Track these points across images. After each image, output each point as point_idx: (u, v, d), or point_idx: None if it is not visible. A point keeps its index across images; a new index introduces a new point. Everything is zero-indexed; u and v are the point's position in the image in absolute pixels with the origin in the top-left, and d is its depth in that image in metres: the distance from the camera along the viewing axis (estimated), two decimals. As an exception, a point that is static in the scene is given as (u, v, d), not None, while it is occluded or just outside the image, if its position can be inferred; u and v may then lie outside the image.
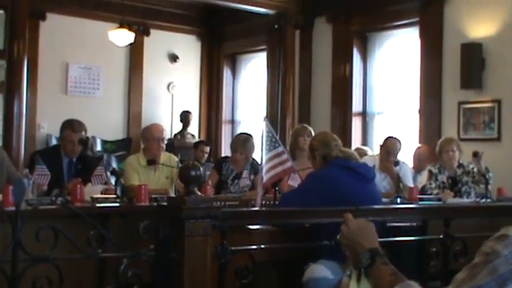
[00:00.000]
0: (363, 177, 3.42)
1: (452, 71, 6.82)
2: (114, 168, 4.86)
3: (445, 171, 5.50)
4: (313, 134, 5.34)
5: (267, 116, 8.06)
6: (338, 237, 1.72)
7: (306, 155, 5.30)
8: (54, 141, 7.76)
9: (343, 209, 2.12)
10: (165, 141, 5.38)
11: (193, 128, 9.60)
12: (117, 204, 3.95)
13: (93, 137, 8.53)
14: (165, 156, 5.31)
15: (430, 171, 5.57)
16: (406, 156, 6.10)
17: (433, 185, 5.48)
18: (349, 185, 3.32)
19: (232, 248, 2.41)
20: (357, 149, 6.25)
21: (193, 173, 2.32)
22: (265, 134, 4.00)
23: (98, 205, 3.88)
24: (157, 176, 5.21)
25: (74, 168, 4.67)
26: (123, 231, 3.39)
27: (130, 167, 5.15)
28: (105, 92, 8.98)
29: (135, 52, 9.20)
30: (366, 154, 6.33)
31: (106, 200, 4.02)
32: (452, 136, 6.07)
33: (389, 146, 5.67)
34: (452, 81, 6.83)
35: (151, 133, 5.20)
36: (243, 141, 5.37)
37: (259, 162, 4.06)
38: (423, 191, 5.48)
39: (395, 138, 5.78)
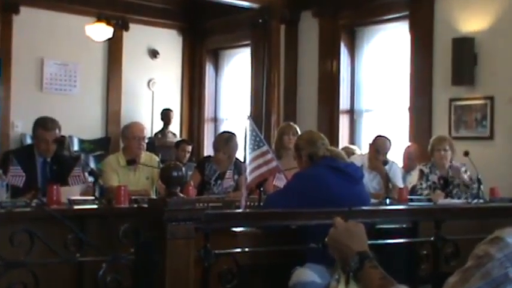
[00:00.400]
0: (351, 178, 3.43)
1: (443, 66, 6.84)
2: (92, 169, 4.84)
3: (436, 170, 5.52)
4: (299, 132, 5.35)
5: (251, 114, 8.10)
6: (326, 239, 1.72)
7: (291, 155, 5.33)
8: (28, 141, 7.70)
9: (334, 210, 2.13)
10: (146, 140, 5.37)
11: (175, 127, 9.58)
12: (95, 206, 3.94)
13: (70, 136, 8.49)
14: (145, 156, 5.30)
15: (421, 171, 5.59)
16: (395, 155, 6.13)
17: (424, 185, 5.50)
18: (337, 186, 3.34)
19: (216, 252, 2.41)
20: (345, 148, 6.27)
21: (175, 173, 2.32)
22: (249, 132, 4.00)
23: (75, 207, 3.86)
24: (138, 176, 5.20)
25: (49, 169, 4.64)
26: (102, 235, 3.38)
27: (110, 167, 5.13)
28: (83, 89, 8.92)
29: (114, 48, 9.15)
30: (353, 153, 6.35)
31: (84, 202, 4.00)
32: (444, 135, 6.08)
33: (379, 145, 5.69)
34: (443, 77, 6.86)
35: (131, 132, 5.19)
36: (225, 140, 5.37)
37: (243, 162, 4.06)
38: (413, 191, 5.50)
39: (384, 137, 5.80)
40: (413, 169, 6.17)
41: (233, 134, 5.52)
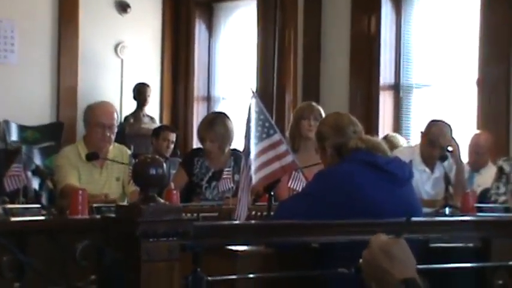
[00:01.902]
0: (394, 178, 3.43)
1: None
2: (37, 166, 4.85)
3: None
4: (323, 115, 5.36)
5: (257, 91, 8.11)
6: (360, 262, 1.73)
7: (312, 146, 5.35)
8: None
9: (371, 222, 2.13)
10: (115, 129, 5.38)
11: (152, 108, 9.60)
12: (42, 218, 3.95)
13: (6, 122, 8.52)
14: (114, 150, 5.32)
15: (500, 169, 5.57)
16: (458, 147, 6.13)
17: (502, 189, 5.50)
18: (374, 189, 3.34)
19: (210, 278, 2.43)
20: (386, 138, 6.27)
21: (152, 171, 2.34)
22: (254, 115, 4.00)
23: (13, 219, 3.86)
24: (105, 176, 5.24)
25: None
26: (51, 256, 3.39)
27: (67, 161, 5.17)
28: (23, 56, 8.93)
29: (67, -2, 9.16)
30: (398, 145, 6.36)
31: (26, 211, 4.02)
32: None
33: (435, 134, 5.69)
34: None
35: (94, 116, 5.23)
36: (209, 123, 5.42)
37: (247, 156, 4.08)
38: (484, 197, 5.52)
39: (442, 122, 5.81)
40: (483, 166, 6.17)
41: (222, 114, 5.56)
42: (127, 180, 5.12)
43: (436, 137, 5.68)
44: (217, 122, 5.41)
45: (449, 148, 5.56)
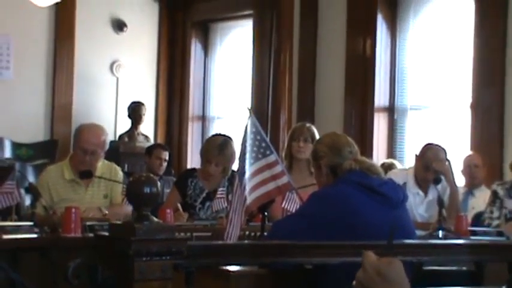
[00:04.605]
0: (388, 200, 3.43)
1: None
2: (30, 184, 4.86)
3: (517, 194, 5.52)
4: (316, 136, 5.36)
5: (252, 110, 8.09)
6: (353, 284, 1.72)
7: (304, 167, 5.35)
8: None
9: (364, 244, 2.13)
10: (102, 154, 5.39)
11: (147, 127, 9.59)
12: (34, 236, 3.94)
13: (0, 138, 8.49)
14: (103, 167, 5.32)
15: (493, 193, 5.57)
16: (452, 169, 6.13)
17: (496, 214, 5.50)
18: (368, 211, 3.34)
19: (202, 299, 2.42)
20: (383, 166, 6.27)
21: (146, 189, 2.33)
22: (250, 135, 4.00)
23: (5, 237, 3.85)
24: (91, 194, 5.23)
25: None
26: (43, 274, 3.38)
27: (45, 183, 5.20)
28: (18, 72, 8.93)
29: (64, 16, 9.17)
30: (392, 167, 6.37)
31: (18, 229, 4.01)
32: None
33: (430, 158, 5.68)
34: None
35: (79, 140, 5.26)
36: (219, 147, 5.38)
37: (242, 175, 4.07)
38: (478, 220, 5.52)
39: (438, 146, 5.81)
40: (476, 188, 6.16)
41: (229, 137, 5.54)
42: (117, 197, 5.14)
43: (430, 162, 5.67)
44: (226, 146, 5.39)
45: (442, 172, 5.57)
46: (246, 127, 4.02)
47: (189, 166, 8.96)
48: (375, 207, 3.37)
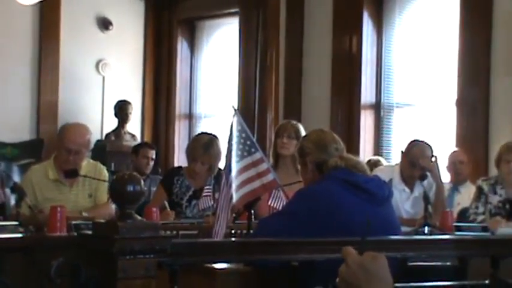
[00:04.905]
0: (373, 197, 3.44)
1: (507, 45, 6.87)
2: (15, 183, 4.85)
3: (501, 190, 5.53)
4: (302, 133, 5.36)
5: (238, 108, 8.10)
6: (337, 281, 1.72)
7: (290, 164, 5.35)
8: None
9: (344, 240, 2.14)
10: (86, 154, 5.39)
11: (134, 126, 9.58)
12: (19, 235, 3.93)
13: (-15, 138, 8.47)
14: (88, 166, 5.32)
15: (478, 189, 5.59)
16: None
17: (481, 209, 5.52)
18: (353, 208, 3.34)
19: (187, 296, 2.42)
20: (369, 163, 6.28)
21: (130, 187, 2.33)
22: (236, 133, 4.01)
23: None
24: (76, 194, 5.25)
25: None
26: (27, 274, 3.37)
27: (29, 182, 5.19)
28: (3, 71, 8.90)
29: (48, 14, 9.15)
30: (377, 164, 6.38)
31: (3, 228, 4.01)
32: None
33: (416, 154, 5.69)
34: (506, 59, 6.89)
35: (62, 139, 5.25)
36: (205, 146, 5.38)
37: (228, 173, 4.07)
38: (463, 216, 5.53)
39: (424, 142, 5.81)
40: (462, 183, 6.18)
41: (215, 136, 5.54)
42: (102, 196, 5.13)
43: (416, 158, 5.67)
44: (212, 145, 5.39)
45: (428, 169, 5.59)
46: (232, 125, 4.03)
47: (176, 165, 8.94)
48: (360, 204, 3.38)
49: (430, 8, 7.79)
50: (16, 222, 4.10)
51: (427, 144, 5.81)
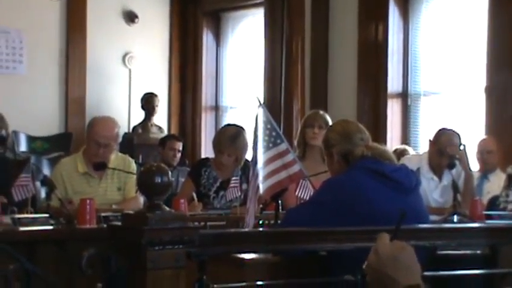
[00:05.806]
0: (400, 186, 3.43)
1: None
2: (45, 176, 4.90)
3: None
4: (329, 123, 5.36)
5: (264, 100, 8.12)
6: (364, 267, 1.73)
7: (318, 154, 5.35)
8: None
9: (376, 229, 2.12)
10: (115, 147, 5.42)
11: (161, 118, 9.61)
12: (50, 227, 3.97)
13: (15, 132, 8.51)
14: (116, 159, 5.35)
15: (509, 177, 5.55)
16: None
17: (511, 197, 5.50)
18: (380, 197, 3.34)
19: (216, 286, 2.42)
20: (396, 152, 6.27)
21: (157, 179, 2.35)
22: (261, 125, 4.01)
23: (22, 228, 3.89)
24: (105, 187, 5.28)
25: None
26: (58, 265, 3.41)
27: (59, 176, 5.22)
28: (31, 66, 8.96)
29: (75, 9, 9.19)
30: (405, 154, 6.37)
31: (34, 221, 4.05)
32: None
33: (444, 143, 5.67)
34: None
35: (92, 133, 5.27)
36: (231, 138, 5.39)
37: (254, 165, 4.09)
38: (493, 204, 5.50)
39: (452, 131, 5.79)
40: (492, 171, 6.15)
41: (241, 128, 5.55)
42: (131, 189, 5.16)
43: (444, 147, 5.66)
44: (239, 137, 5.40)
45: (457, 156, 5.56)
46: (257, 117, 4.04)
47: (203, 156, 8.97)
48: (387, 193, 3.37)
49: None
50: (47, 215, 4.15)
51: (455, 132, 5.78)
